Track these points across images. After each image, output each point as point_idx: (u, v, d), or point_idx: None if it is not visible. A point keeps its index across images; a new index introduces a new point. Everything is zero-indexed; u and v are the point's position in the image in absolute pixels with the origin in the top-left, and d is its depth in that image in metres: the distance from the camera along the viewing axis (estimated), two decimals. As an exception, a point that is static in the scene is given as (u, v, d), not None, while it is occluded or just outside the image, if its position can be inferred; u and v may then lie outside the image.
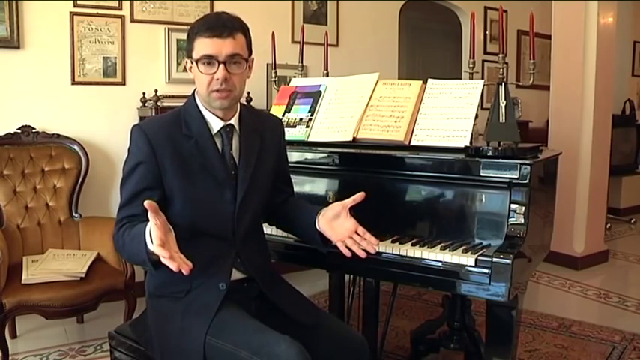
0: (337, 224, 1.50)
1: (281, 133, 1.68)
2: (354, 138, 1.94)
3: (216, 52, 1.38)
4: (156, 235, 1.19)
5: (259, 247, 1.60)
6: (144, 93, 3.14)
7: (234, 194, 1.47)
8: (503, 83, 1.82)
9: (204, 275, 1.43)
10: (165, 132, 1.44)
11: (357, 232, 1.48)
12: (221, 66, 1.39)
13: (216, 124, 1.48)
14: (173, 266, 1.16)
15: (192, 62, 1.43)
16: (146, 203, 1.19)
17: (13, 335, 2.68)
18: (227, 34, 1.39)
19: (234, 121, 1.50)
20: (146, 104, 3.12)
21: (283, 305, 1.52)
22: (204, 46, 1.39)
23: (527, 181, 1.56)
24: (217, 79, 1.39)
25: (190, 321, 1.41)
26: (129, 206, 1.42)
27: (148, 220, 1.31)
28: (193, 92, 1.51)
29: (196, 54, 1.40)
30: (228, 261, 1.47)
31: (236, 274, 1.51)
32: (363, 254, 1.47)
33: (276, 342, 1.29)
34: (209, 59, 1.39)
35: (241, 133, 1.52)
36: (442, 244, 1.61)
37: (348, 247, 1.48)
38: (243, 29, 1.44)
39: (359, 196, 1.49)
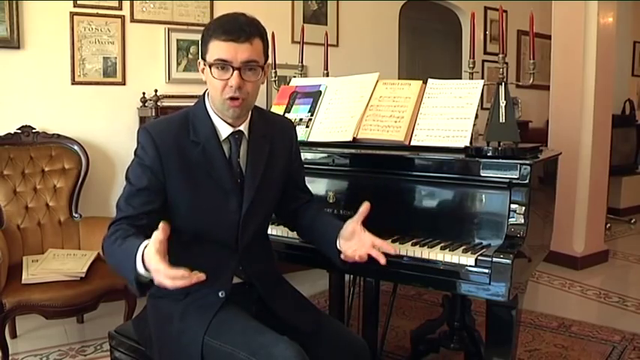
0: (355, 242, 1.44)
1: (292, 137, 1.62)
2: (354, 138, 1.94)
3: (232, 57, 1.32)
4: (154, 258, 1.12)
5: (263, 255, 1.57)
6: (144, 93, 3.14)
7: (239, 203, 1.43)
8: (503, 83, 1.82)
9: (204, 283, 1.41)
10: (172, 137, 1.39)
11: (374, 245, 1.42)
12: (235, 72, 1.33)
13: (224, 130, 1.43)
14: (184, 282, 1.12)
15: (205, 65, 1.38)
16: (161, 226, 1.13)
17: (13, 335, 2.68)
18: (244, 38, 1.32)
19: (243, 127, 1.46)
20: (146, 104, 3.12)
21: (283, 313, 1.49)
22: (219, 49, 1.33)
23: (527, 181, 1.56)
24: (231, 87, 1.34)
25: (189, 322, 1.40)
26: (129, 207, 1.38)
27: (143, 225, 1.32)
28: (204, 94, 1.47)
29: (210, 57, 1.35)
30: (230, 270, 1.45)
31: (237, 280, 1.50)
32: (382, 260, 1.40)
33: (275, 343, 1.29)
34: (223, 64, 1.33)
35: (250, 139, 1.47)
36: (442, 244, 1.61)
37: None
38: (261, 34, 1.39)
39: (365, 208, 1.44)
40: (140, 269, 1.19)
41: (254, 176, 1.46)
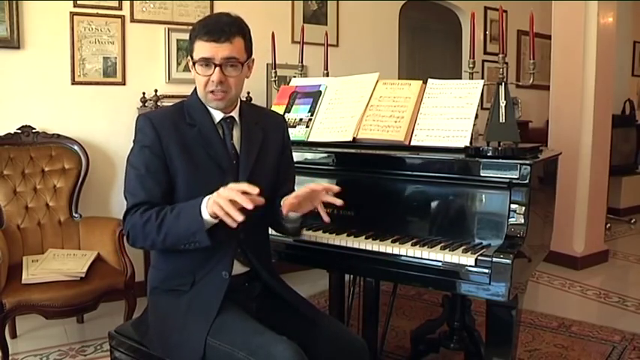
0: (308, 201, 1.48)
1: (284, 129, 1.69)
2: (354, 138, 1.94)
3: (213, 55, 1.42)
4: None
5: (262, 241, 1.62)
6: (144, 93, 3.14)
7: (235, 182, 1.47)
8: (503, 83, 1.83)
9: (207, 265, 1.46)
10: (169, 120, 1.48)
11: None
12: (217, 69, 1.43)
13: (217, 115, 1.53)
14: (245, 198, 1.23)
15: (192, 62, 1.48)
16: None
17: (13, 335, 2.68)
18: (224, 38, 1.42)
19: (234, 113, 1.55)
20: (146, 104, 3.12)
21: (286, 296, 1.54)
22: (202, 49, 1.43)
23: (527, 181, 1.56)
24: (213, 82, 1.44)
25: (192, 319, 1.42)
26: (143, 191, 1.42)
27: (164, 204, 1.39)
28: (195, 88, 1.55)
29: (195, 55, 1.45)
30: (231, 250, 1.49)
31: (238, 268, 1.51)
32: (326, 218, 1.45)
33: (274, 343, 1.30)
34: (206, 62, 1.44)
35: (242, 125, 1.56)
36: (442, 244, 1.61)
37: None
38: (243, 32, 1.47)
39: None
40: (205, 215, 1.30)
41: (249, 157, 1.52)
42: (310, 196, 1.46)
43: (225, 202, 1.25)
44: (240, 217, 1.24)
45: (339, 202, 1.44)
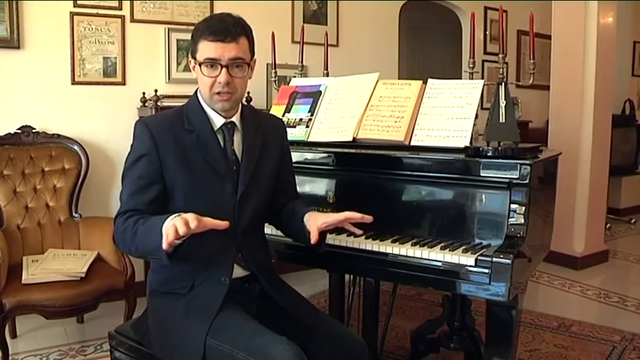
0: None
1: (283, 134, 1.69)
2: (354, 138, 1.94)
3: (219, 55, 1.41)
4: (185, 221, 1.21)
5: (261, 245, 1.61)
6: (144, 93, 3.14)
7: (235, 187, 1.49)
8: (503, 83, 1.83)
9: (207, 270, 1.46)
10: (167, 126, 1.47)
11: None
12: (223, 70, 1.42)
13: (218, 121, 1.51)
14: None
15: (195, 63, 1.46)
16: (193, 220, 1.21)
17: (13, 335, 2.68)
18: (230, 38, 1.41)
19: (235, 118, 1.53)
20: (146, 104, 3.12)
21: (284, 303, 1.53)
22: (207, 49, 1.41)
23: (527, 181, 1.56)
24: (220, 83, 1.42)
25: (192, 320, 1.41)
26: (131, 198, 1.43)
27: (150, 212, 1.38)
28: (196, 90, 1.54)
29: (200, 56, 1.43)
30: (230, 256, 1.49)
31: (238, 271, 1.51)
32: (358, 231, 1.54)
33: (273, 343, 1.30)
34: (212, 62, 1.42)
35: (243, 130, 1.55)
36: (442, 244, 1.61)
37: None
38: (247, 32, 1.47)
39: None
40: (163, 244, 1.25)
41: (249, 162, 1.52)
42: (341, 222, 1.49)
43: (169, 229, 1.21)
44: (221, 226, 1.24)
45: (369, 219, 1.48)
